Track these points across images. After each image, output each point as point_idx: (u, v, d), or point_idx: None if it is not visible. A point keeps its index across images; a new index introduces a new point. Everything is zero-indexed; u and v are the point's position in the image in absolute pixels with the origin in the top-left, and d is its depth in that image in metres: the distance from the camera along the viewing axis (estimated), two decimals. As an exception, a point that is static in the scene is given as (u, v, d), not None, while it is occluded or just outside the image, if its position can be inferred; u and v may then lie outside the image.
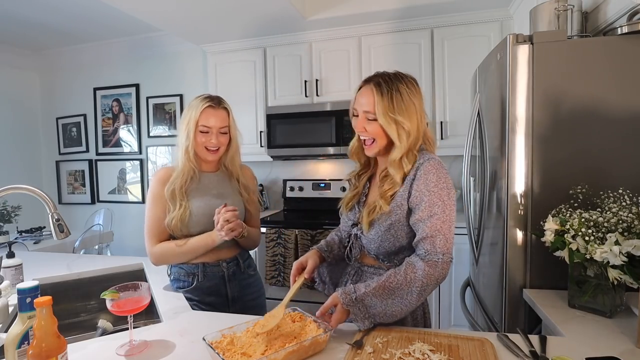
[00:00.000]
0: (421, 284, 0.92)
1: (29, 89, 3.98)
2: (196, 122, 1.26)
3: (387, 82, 1.03)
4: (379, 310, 0.93)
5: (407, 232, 1.01)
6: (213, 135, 1.28)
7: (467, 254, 2.23)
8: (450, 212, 0.96)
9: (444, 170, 0.99)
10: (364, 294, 0.93)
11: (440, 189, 0.96)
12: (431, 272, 0.92)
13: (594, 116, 1.22)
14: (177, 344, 0.93)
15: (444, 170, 0.99)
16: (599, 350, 0.83)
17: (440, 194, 0.96)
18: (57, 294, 1.48)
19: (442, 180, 0.97)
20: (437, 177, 0.96)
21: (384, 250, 1.03)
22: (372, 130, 1.03)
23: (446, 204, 0.96)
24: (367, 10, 2.53)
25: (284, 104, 2.93)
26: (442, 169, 0.99)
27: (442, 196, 0.96)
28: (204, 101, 1.28)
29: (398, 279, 0.93)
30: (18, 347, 0.80)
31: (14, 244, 1.85)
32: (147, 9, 2.40)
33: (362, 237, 1.07)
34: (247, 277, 1.40)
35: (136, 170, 3.73)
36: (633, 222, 0.97)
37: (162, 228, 1.28)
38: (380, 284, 0.94)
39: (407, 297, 0.93)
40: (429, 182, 0.96)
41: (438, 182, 0.96)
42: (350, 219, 1.13)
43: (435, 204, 0.95)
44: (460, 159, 2.12)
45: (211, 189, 1.35)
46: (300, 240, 2.53)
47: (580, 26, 1.46)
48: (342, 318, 0.93)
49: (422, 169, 0.98)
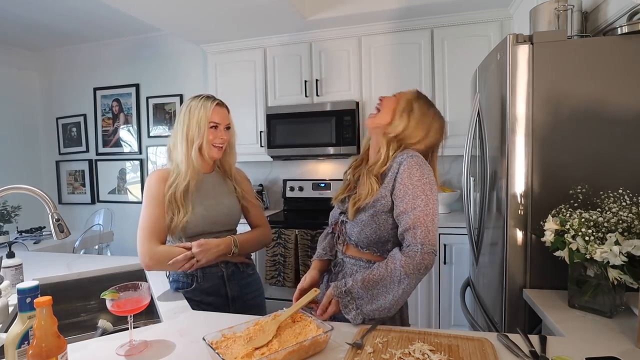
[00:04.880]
0: (400, 274, 0.96)
1: (29, 89, 3.98)
2: (208, 119, 1.28)
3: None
4: (366, 302, 0.98)
5: (390, 224, 1.05)
6: (220, 132, 1.32)
7: (467, 254, 2.23)
8: (433, 206, 1.01)
9: (428, 167, 1.05)
10: (351, 285, 0.99)
11: (423, 183, 1.01)
12: (409, 261, 0.96)
13: (594, 116, 1.22)
14: (177, 344, 0.93)
15: (428, 167, 1.05)
16: (599, 350, 0.83)
17: (424, 188, 1.00)
18: (57, 294, 1.48)
19: (426, 176, 1.02)
20: (420, 172, 1.02)
21: (365, 236, 1.07)
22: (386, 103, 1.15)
23: (429, 197, 1.00)
24: (367, 10, 2.53)
25: (284, 104, 2.93)
26: (426, 165, 1.05)
27: (425, 190, 1.00)
28: (209, 100, 1.31)
29: (380, 271, 0.99)
30: (18, 347, 0.80)
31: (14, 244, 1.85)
32: (147, 9, 2.41)
33: (347, 223, 1.12)
34: (246, 276, 1.41)
35: (136, 170, 3.73)
36: (633, 222, 0.97)
37: (161, 228, 1.25)
38: (365, 275, 0.99)
39: (390, 287, 0.97)
40: (413, 177, 1.01)
41: (421, 177, 1.01)
42: (339, 208, 1.20)
43: (418, 197, 1.00)
44: (460, 159, 2.12)
45: (209, 190, 1.35)
46: (300, 240, 2.53)
47: (580, 26, 1.46)
48: (335, 310, 0.99)
49: (405, 163, 1.03)
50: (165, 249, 1.24)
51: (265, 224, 1.49)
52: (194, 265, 1.24)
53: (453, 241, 2.35)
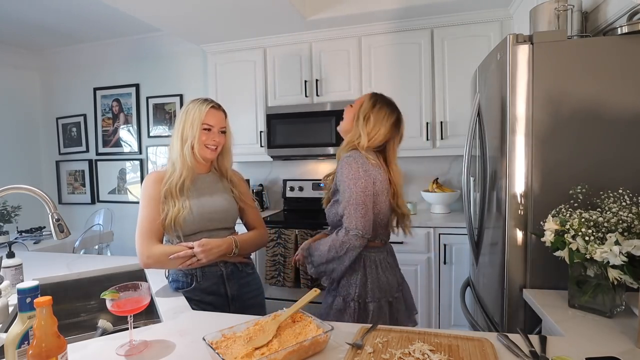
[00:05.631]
0: (331, 248, 1.26)
1: (29, 89, 3.98)
2: (201, 121, 1.31)
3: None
4: (315, 260, 1.31)
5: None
6: (214, 134, 1.33)
7: (467, 254, 2.23)
8: (356, 197, 1.23)
9: (356, 165, 1.25)
10: (310, 246, 1.35)
11: (349, 178, 1.24)
12: (337, 239, 1.25)
13: (594, 116, 1.22)
14: (177, 344, 0.93)
15: (356, 165, 1.25)
16: (599, 350, 0.83)
17: (349, 183, 1.24)
18: (57, 294, 1.48)
19: (353, 171, 1.25)
20: (348, 169, 1.25)
21: (331, 220, 1.37)
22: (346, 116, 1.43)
23: (352, 190, 1.23)
24: (367, 10, 2.53)
25: (284, 104, 2.93)
26: (355, 162, 1.26)
27: (350, 184, 1.24)
28: (205, 102, 1.34)
29: (326, 242, 1.29)
30: (18, 347, 0.80)
31: (14, 244, 1.86)
32: (147, 9, 2.41)
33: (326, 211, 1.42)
34: (245, 275, 1.41)
35: (136, 170, 3.73)
36: (633, 222, 0.97)
37: (157, 228, 1.28)
38: (317, 244, 1.34)
39: (327, 256, 1.27)
40: (342, 174, 1.26)
41: (349, 173, 1.25)
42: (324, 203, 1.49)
43: (345, 191, 1.25)
44: (460, 159, 2.12)
45: (205, 189, 1.37)
46: (300, 240, 2.53)
47: (580, 26, 1.46)
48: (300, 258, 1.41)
49: (341, 162, 1.29)
50: (162, 248, 1.27)
51: (262, 225, 1.51)
52: (193, 264, 1.26)
53: (453, 241, 2.35)
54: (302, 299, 1.00)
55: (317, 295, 1.04)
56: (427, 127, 2.63)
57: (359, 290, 1.28)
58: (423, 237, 2.39)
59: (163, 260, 1.26)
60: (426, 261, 2.41)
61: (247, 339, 0.86)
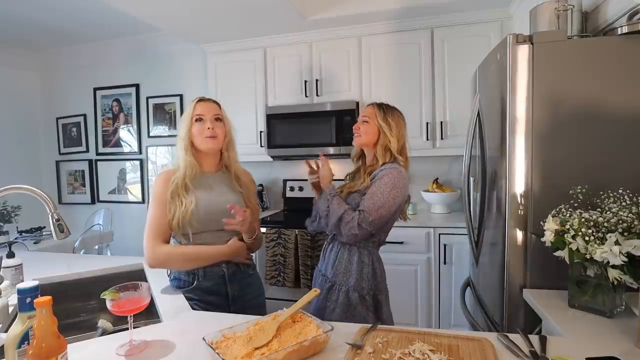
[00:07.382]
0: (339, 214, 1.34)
1: (29, 89, 3.98)
2: (191, 115, 1.34)
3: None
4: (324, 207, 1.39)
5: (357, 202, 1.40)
6: (208, 122, 1.34)
7: (467, 254, 2.23)
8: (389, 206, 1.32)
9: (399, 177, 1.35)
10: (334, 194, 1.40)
11: (389, 186, 1.33)
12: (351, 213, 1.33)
13: (594, 116, 1.22)
14: (177, 344, 0.93)
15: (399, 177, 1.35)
16: (599, 350, 0.83)
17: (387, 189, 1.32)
18: (57, 294, 1.47)
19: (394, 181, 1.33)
20: (390, 177, 1.34)
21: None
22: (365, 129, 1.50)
23: (386, 197, 1.32)
24: (367, 10, 2.53)
25: (284, 104, 2.93)
26: (399, 175, 1.35)
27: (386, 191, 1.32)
28: (195, 99, 1.39)
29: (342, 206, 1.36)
30: (18, 347, 0.80)
31: (14, 244, 1.86)
32: (147, 9, 2.41)
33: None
34: (246, 276, 1.41)
35: (136, 170, 3.73)
36: (633, 222, 0.97)
37: (165, 228, 1.29)
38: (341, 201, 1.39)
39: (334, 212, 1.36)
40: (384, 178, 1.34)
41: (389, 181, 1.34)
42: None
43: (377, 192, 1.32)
44: (460, 159, 2.12)
45: (213, 187, 1.36)
46: (300, 241, 2.53)
47: (580, 26, 1.46)
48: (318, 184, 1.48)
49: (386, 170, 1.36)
50: (167, 249, 1.29)
51: (259, 228, 1.51)
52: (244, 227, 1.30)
53: (453, 241, 2.35)
54: (302, 299, 1.00)
55: (317, 296, 1.04)
56: (427, 127, 2.63)
57: (370, 283, 1.38)
58: (423, 237, 2.39)
59: (172, 260, 1.29)
60: (426, 261, 2.41)
61: (247, 339, 0.86)
